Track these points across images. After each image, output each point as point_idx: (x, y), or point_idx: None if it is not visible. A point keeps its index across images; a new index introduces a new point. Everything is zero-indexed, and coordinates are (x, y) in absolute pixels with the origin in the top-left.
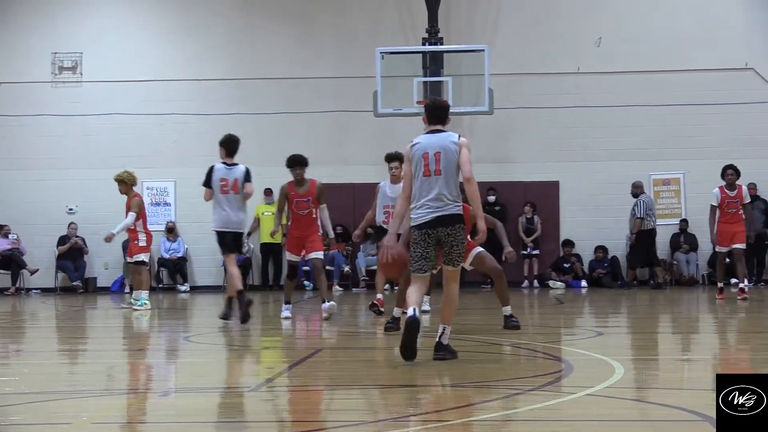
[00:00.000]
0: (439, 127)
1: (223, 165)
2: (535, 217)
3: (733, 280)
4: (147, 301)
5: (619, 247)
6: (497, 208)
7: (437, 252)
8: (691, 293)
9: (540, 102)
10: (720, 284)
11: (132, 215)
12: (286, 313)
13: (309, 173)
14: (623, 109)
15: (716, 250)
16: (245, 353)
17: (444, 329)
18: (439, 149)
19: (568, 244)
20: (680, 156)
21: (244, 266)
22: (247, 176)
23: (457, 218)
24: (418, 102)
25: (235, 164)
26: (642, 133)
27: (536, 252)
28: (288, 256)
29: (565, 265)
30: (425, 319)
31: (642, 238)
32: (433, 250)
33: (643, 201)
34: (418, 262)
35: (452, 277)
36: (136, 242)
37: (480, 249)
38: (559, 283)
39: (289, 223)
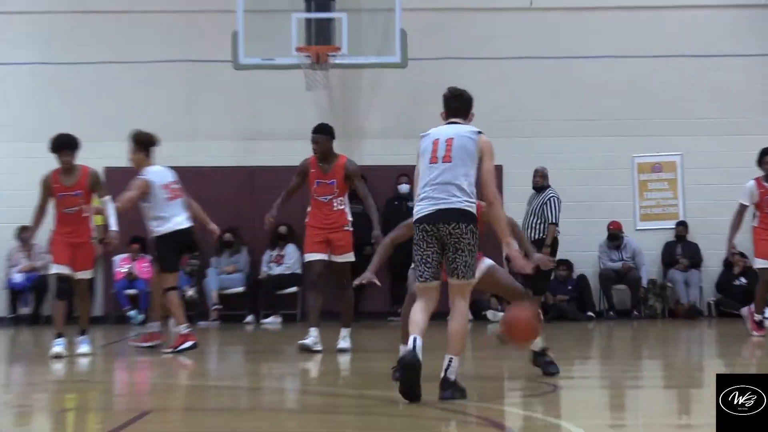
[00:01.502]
0: (458, 120)
1: None
2: None
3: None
4: None
5: (588, 261)
6: (411, 203)
7: (442, 258)
8: (692, 328)
9: (475, 51)
10: (758, 315)
11: None
12: (57, 349)
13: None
14: (598, 62)
15: (757, 266)
16: (37, 417)
17: (450, 361)
18: (452, 136)
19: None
20: (677, 130)
21: None
22: None
23: (466, 216)
24: (299, 49)
25: None
26: (624, 96)
27: None
28: (55, 268)
29: None
30: (344, 362)
31: (553, 251)
32: (434, 254)
33: (557, 198)
34: (418, 267)
35: (458, 292)
36: None
37: (490, 262)
38: (501, 314)
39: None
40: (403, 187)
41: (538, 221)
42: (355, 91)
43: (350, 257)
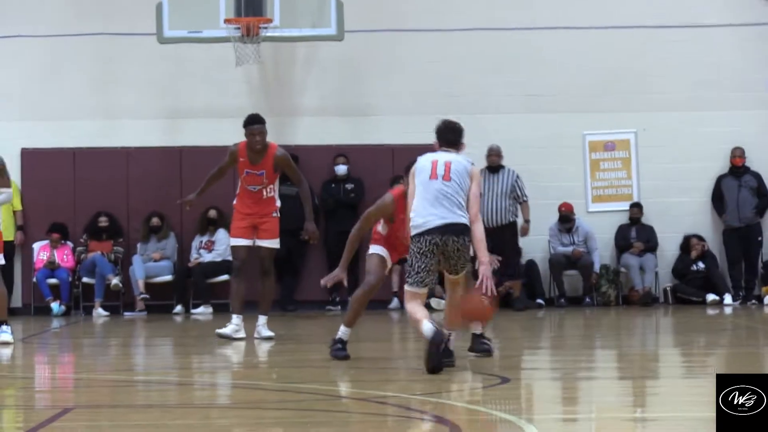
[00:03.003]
0: (451, 150)
1: None
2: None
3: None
4: None
5: (538, 245)
6: (349, 185)
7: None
8: (648, 316)
9: (416, 22)
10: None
11: None
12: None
13: (59, 130)
14: (548, 34)
15: None
16: None
17: (450, 335)
18: (450, 160)
19: None
20: (631, 106)
21: None
22: None
23: (467, 229)
24: (228, 20)
25: None
26: (575, 70)
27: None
28: None
29: None
30: (279, 354)
31: (514, 234)
32: (437, 264)
33: (518, 176)
34: (419, 273)
35: (456, 282)
36: None
37: None
38: (444, 301)
39: None
40: (340, 168)
41: (506, 203)
42: (289, 65)
43: (275, 243)
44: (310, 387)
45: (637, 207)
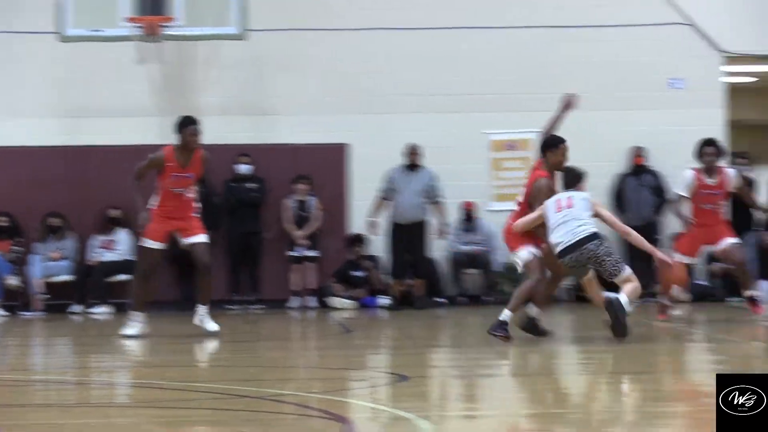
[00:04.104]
0: (571, 190)
1: None
2: (312, 200)
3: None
4: None
5: (438, 244)
6: (251, 185)
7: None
8: (547, 314)
9: (321, 22)
10: (664, 300)
11: None
12: None
13: None
14: (452, 33)
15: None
16: None
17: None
18: (570, 195)
19: (360, 241)
20: (532, 106)
21: None
22: None
23: (594, 236)
24: (129, 19)
25: None
26: (483, 70)
27: (313, 254)
28: None
29: (356, 273)
30: (173, 354)
31: (424, 232)
32: (584, 269)
33: (435, 177)
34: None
35: (622, 280)
36: None
37: None
38: (347, 300)
39: None
40: (243, 168)
41: (419, 201)
42: (191, 64)
43: (204, 237)
44: (209, 386)
45: None
